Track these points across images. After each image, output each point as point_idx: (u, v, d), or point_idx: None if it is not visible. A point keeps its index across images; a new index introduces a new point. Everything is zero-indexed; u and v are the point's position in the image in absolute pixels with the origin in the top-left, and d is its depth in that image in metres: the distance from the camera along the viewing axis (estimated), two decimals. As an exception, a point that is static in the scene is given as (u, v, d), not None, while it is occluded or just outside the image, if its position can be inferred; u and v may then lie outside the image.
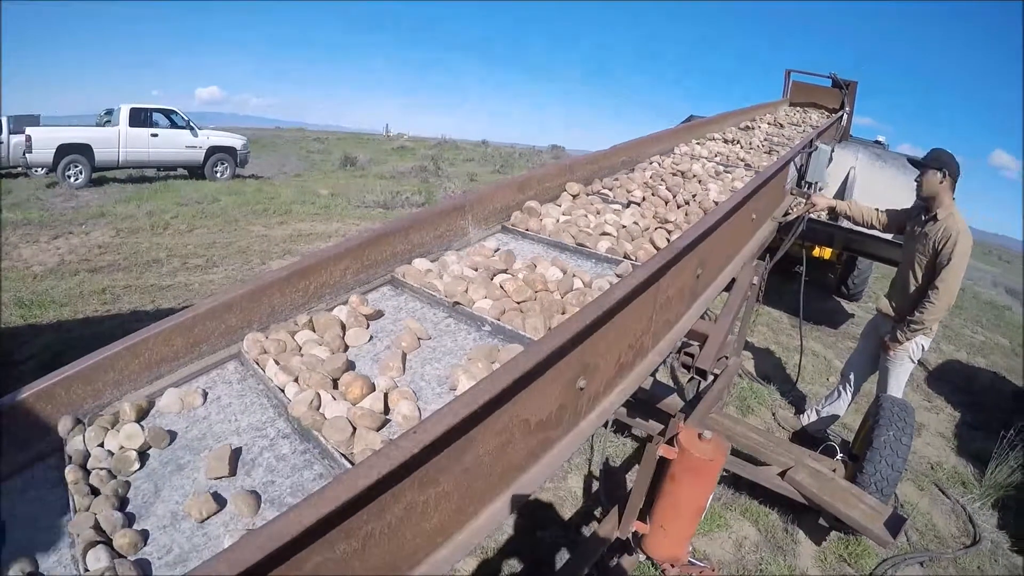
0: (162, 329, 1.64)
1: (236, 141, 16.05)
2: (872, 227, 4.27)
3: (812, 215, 3.96)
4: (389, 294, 2.14)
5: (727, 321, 2.45)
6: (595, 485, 3.81)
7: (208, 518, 1.30)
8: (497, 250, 2.32)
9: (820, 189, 4.12)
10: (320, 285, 1.94)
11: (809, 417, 4.70)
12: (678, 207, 2.82)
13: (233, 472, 1.41)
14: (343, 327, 1.86)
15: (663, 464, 2.25)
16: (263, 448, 1.48)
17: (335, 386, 1.59)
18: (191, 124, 15.13)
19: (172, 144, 14.74)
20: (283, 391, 1.61)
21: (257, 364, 1.73)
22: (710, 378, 2.70)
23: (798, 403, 5.35)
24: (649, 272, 1.67)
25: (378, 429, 1.43)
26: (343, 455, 1.37)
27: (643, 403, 3.21)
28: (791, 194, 3.75)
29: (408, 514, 1.05)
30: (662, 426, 3.10)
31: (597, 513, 3.58)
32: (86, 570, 1.18)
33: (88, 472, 1.43)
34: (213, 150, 15.39)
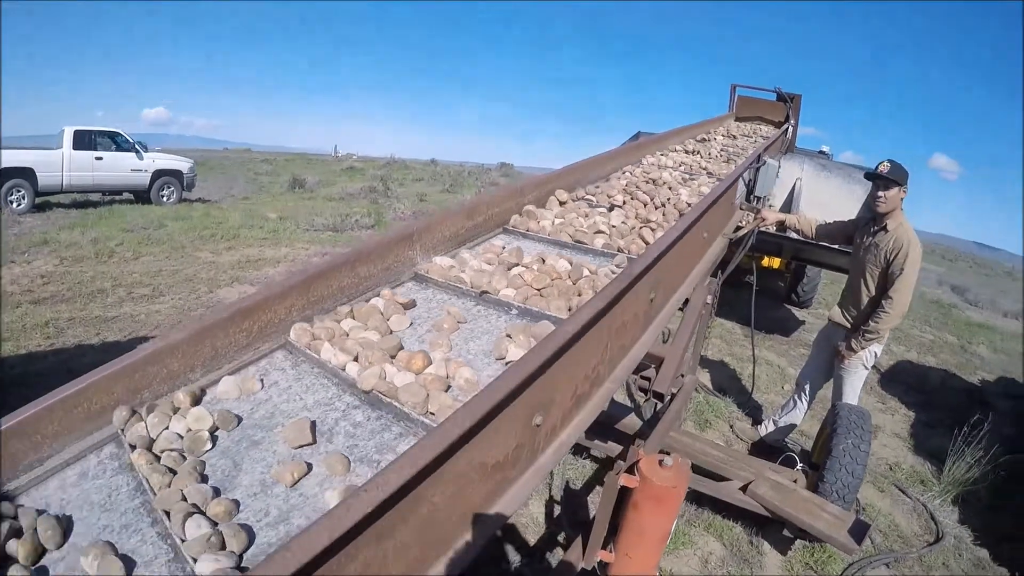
0: (100, 377, 1.56)
1: (183, 164, 15.68)
2: (820, 239, 4.34)
3: (761, 228, 4.00)
4: (415, 288, 2.32)
5: (682, 342, 2.44)
6: (557, 510, 3.77)
7: (299, 481, 1.39)
8: (504, 248, 2.57)
9: (768, 203, 4.17)
10: (265, 324, 1.88)
11: (767, 428, 4.74)
12: (656, 208, 3.13)
13: (314, 440, 1.52)
14: (383, 315, 2.03)
15: (625, 492, 2.23)
16: (337, 419, 1.61)
17: (392, 362, 1.75)
18: (136, 147, 14.75)
19: (117, 168, 14.32)
20: (343, 369, 1.75)
21: (309, 350, 1.86)
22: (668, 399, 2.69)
23: (755, 414, 5.40)
24: (605, 301, 1.65)
25: (445, 391, 1.62)
26: (421, 416, 1.54)
27: (601, 424, 3.19)
28: (740, 209, 3.79)
29: (366, 570, 1.01)
30: (620, 447, 3.06)
31: (561, 539, 3.54)
32: (183, 540, 1.23)
33: (157, 456, 1.48)
34: (159, 174, 15.00)
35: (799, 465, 3.84)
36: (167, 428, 1.56)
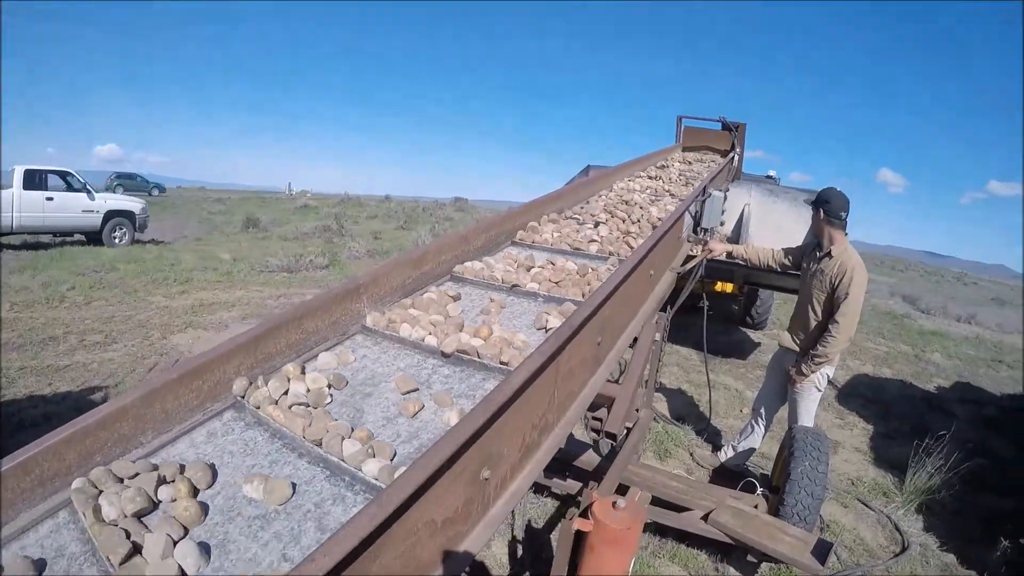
0: (54, 442, 1.51)
1: (135, 205, 15.44)
2: (769, 267, 4.42)
3: (710, 259, 4.06)
4: (455, 286, 2.74)
5: (633, 381, 2.46)
6: (519, 550, 3.73)
7: (417, 413, 1.79)
8: (519, 255, 3.18)
9: (716, 234, 4.25)
10: (215, 384, 1.87)
11: (727, 453, 4.76)
12: (633, 223, 3.79)
13: (417, 388, 1.92)
14: (439, 304, 2.46)
15: (581, 535, 2.23)
16: (429, 374, 2.03)
17: (463, 332, 2.18)
18: (88, 187, 14.49)
19: (68, 208, 14.01)
20: (423, 341, 2.18)
21: (387, 330, 2.29)
22: (623, 436, 2.71)
23: (714, 439, 5.41)
24: (544, 357, 1.66)
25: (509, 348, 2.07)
26: (497, 364, 1.99)
27: (560, 462, 3.19)
28: (688, 241, 3.85)
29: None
30: (580, 484, 3.05)
31: (526, 579, 3.51)
32: (341, 459, 1.56)
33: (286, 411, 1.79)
34: (111, 214, 14.69)
35: (759, 490, 3.86)
36: (287, 392, 1.86)
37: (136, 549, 1.32)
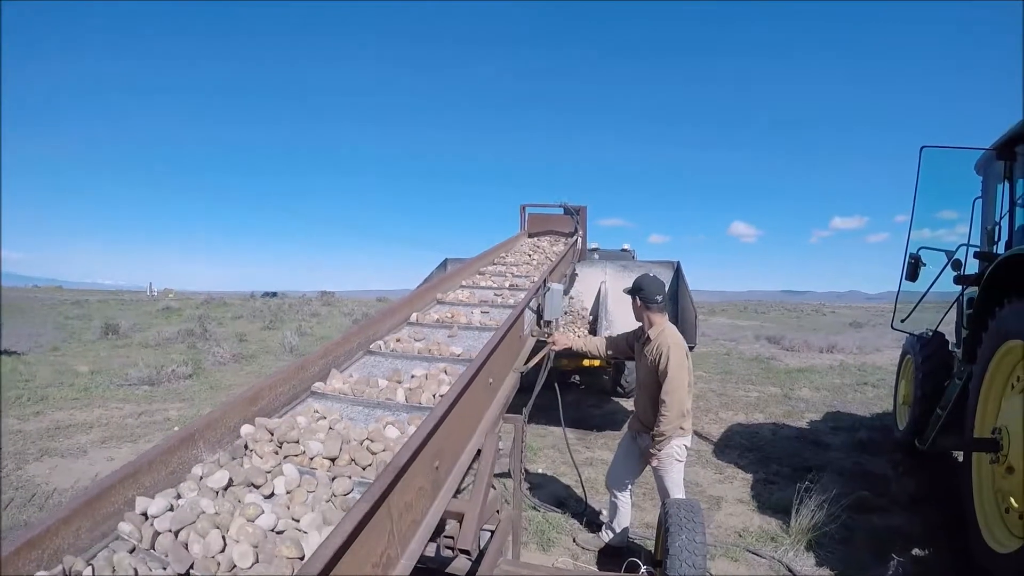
0: None
1: (-20, 314, 14.20)
2: (607, 356, 4.56)
3: (554, 351, 4.13)
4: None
5: (481, 493, 2.42)
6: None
7: None
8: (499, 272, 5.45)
9: (559, 324, 4.32)
10: (55, 550, 1.72)
11: (607, 533, 4.70)
12: (548, 253, 6.25)
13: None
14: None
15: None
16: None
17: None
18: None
19: (-89, 320, 12.70)
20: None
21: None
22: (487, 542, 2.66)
23: (595, 519, 5.24)
24: (371, 501, 1.61)
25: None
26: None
27: (432, 571, 3.09)
28: (532, 336, 3.90)
29: None
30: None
31: None
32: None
33: None
34: (-44, 327, 13.43)
35: (643, 568, 3.85)
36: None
37: None
